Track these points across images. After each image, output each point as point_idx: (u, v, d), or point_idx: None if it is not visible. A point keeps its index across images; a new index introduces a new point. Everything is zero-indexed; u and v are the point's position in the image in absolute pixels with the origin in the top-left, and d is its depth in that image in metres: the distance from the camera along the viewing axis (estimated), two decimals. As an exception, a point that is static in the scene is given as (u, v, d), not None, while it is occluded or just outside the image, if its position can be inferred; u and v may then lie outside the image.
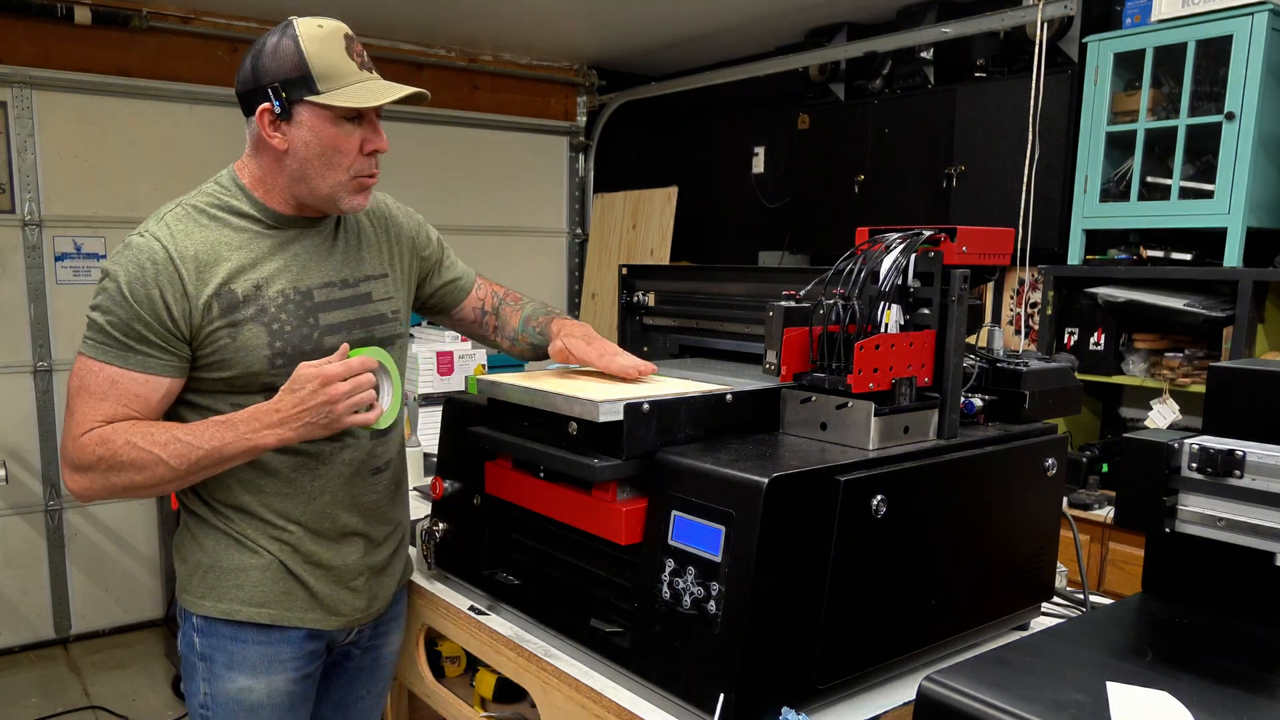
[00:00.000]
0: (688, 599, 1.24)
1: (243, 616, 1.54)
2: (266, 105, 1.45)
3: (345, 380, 1.42)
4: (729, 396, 1.45)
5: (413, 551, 1.89)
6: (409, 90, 1.50)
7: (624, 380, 1.57)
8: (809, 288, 1.50)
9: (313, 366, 1.42)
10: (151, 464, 1.41)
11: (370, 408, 1.47)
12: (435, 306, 1.85)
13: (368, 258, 1.64)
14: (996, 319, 3.81)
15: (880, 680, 1.38)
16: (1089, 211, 3.34)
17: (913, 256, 1.41)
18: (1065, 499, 1.66)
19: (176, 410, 1.52)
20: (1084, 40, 3.37)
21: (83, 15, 4.03)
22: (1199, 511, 1.27)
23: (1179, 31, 3.08)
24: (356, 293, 1.60)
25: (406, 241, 1.74)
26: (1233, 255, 2.98)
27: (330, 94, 1.44)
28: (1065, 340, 3.45)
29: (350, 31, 1.50)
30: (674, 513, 1.28)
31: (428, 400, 2.84)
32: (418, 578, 1.84)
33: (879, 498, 1.26)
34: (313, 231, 1.58)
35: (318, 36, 1.44)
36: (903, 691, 1.37)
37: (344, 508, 1.59)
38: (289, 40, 1.44)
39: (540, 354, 1.85)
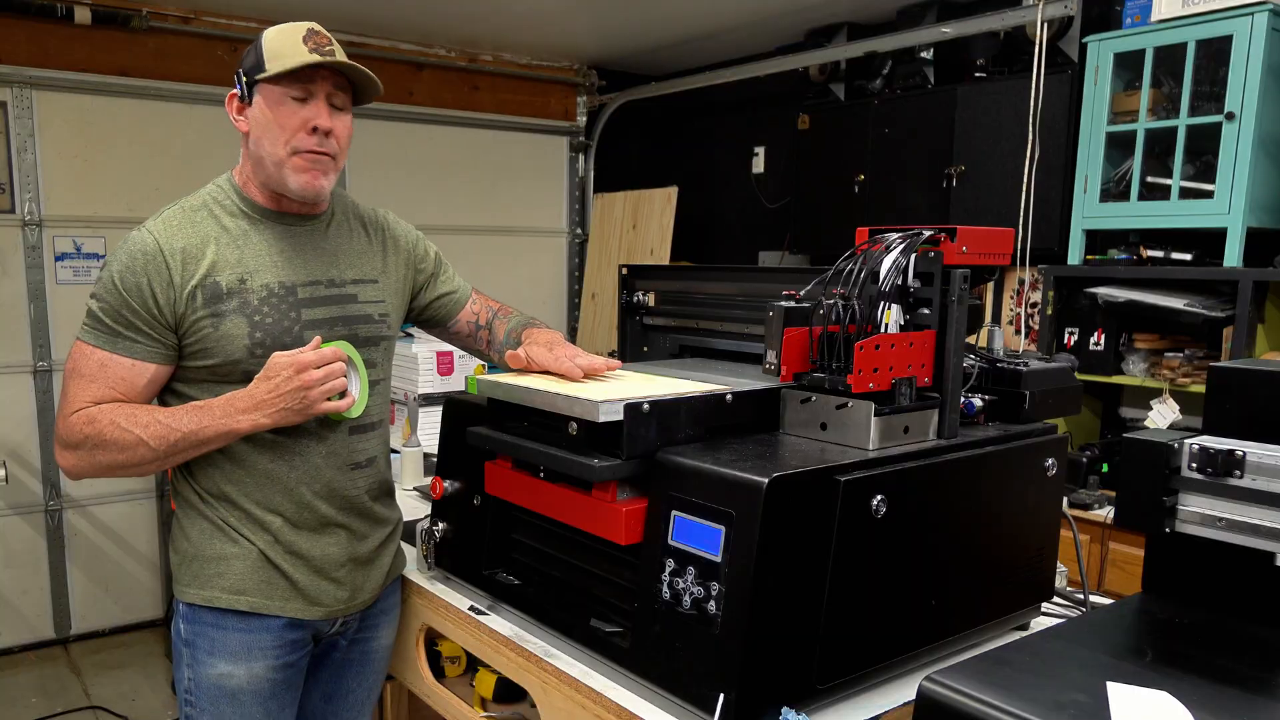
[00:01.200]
0: (688, 599, 1.24)
1: (223, 604, 1.59)
2: (234, 92, 1.59)
3: (318, 368, 1.50)
4: (729, 396, 1.45)
5: (410, 550, 1.89)
6: (335, 60, 1.52)
7: (601, 380, 1.58)
8: (809, 288, 1.50)
9: (286, 355, 1.50)
10: (133, 444, 1.49)
11: (343, 395, 1.55)
12: (430, 318, 1.90)
13: (358, 262, 1.70)
14: (996, 319, 3.81)
15: (880, 680, 1.38)
16: (1089, 211, 3.34)
17: (913, 256, 1.41)
18: (1065, 499, 1.66)
19: (163, 398, 1.60)
20: (1084, 40, 3.37)
21: (83, 15, 4.03)
22: (1199, 511, 1.27)
23: (1179, 31, 3.08)
24: (342, 293, 1.65)
25: (403, 253, 1.80)
26: (1233, 255, 2.98)
27: (272, 69, 1.52)
28: (1065, 340, 3.45)
29: (319, 28, 1.56)
30: (674, 513, 1.28)
31: (428, 400, 2.84)
32: (418, 577, 1.85)
33: (879, 498, 1.26)
34: (303, 231, 1.64)
35: (280, 28, 1.55)
36: (903, 691, 1.37)
37: (323, 500, 1.63)
38: (258, 37, 1.56)
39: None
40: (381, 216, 1.80)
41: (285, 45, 1.52)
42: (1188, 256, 3.14)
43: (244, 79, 1.56)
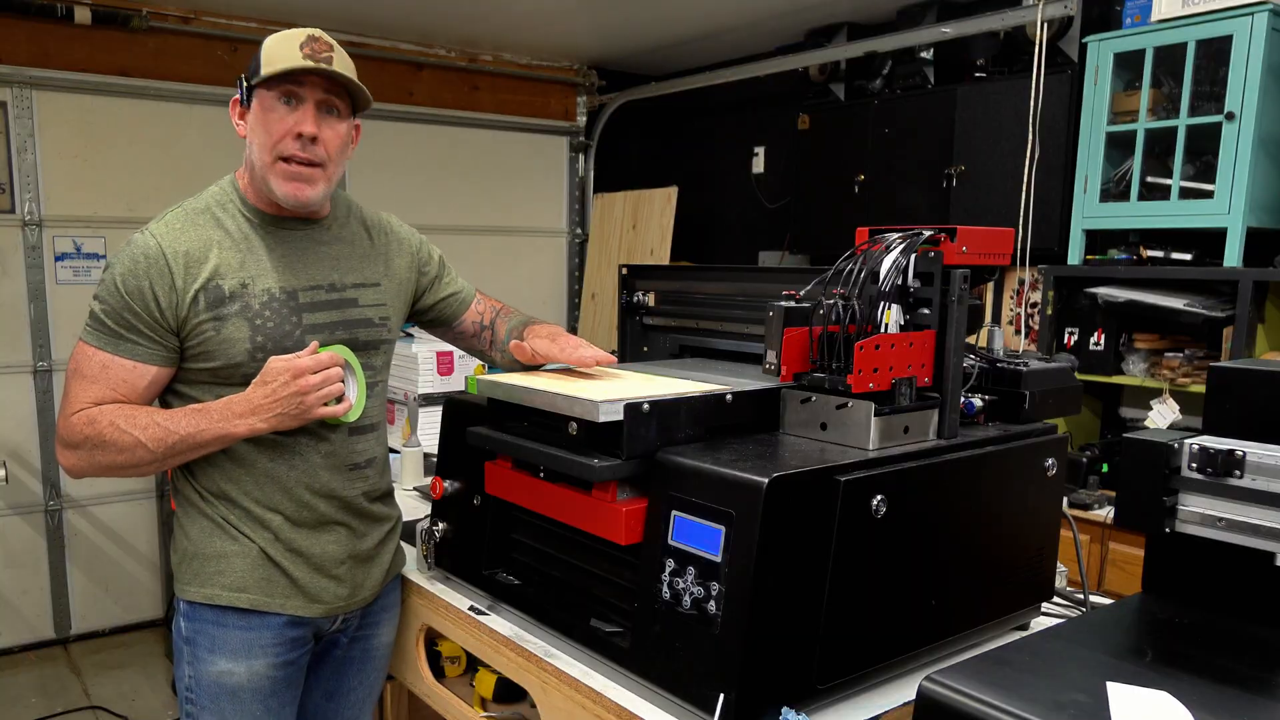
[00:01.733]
0: (688, 599, 1.24)
1: (224, 601, 1.60)
2: (236, 97, 1.58)
3: (315, 373, 1.50)
4: (729, 396, 1.45)
5: (410, 550, 1.89)
6: (317, 67, 1.51)
7: (592, 372, 1.62)
8: (809, 288, 1.50)
9: (283, 360, 1.51)
10: (132, 446, 1.50)
11: (339, 400, 1.55)
12: (435, 320, 1.90)
13: (360, 266, 1.70)
14: (996, 319, 3.81)
15: (880, 680, 1.38)
16: (1089, 211, 3.34)
17: (913, 256, 1.41)
18: (1065, 499, 1.66)
19: (165, 399, 1.61)
20: (1084, 40, 3.37)
21: (83, 15, 4.03)
22: (1199, 511, 1.27)
23: (1179, 31, 3.08)
24: (343, 297, 1.65)
25: (407, 256, 1.80)
26: (1233, 255, 2.98)
27: (264, 74, 1.52)
28: (1065, 340, 3.45)
29: (320, 35, 1.55)
30: (674, 513, 1.28)
31: (428, 400, 2.84)
32: (418, 577, 1.85)
33: (879, 498, 1.26)
34: (304, 236, 1.64)
35: (283, 34, 1.54)
36: (903, 691, 1.37)
37: (323, 499, 1.63)
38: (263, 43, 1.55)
39: (521, 363, 1.88)
40: (385, 220, 1.81)
41: (281, 51, 1.51)
42: (1188, 256, 3.14)
43: (244, 84, 1.57)
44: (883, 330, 1.39)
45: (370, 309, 1.69)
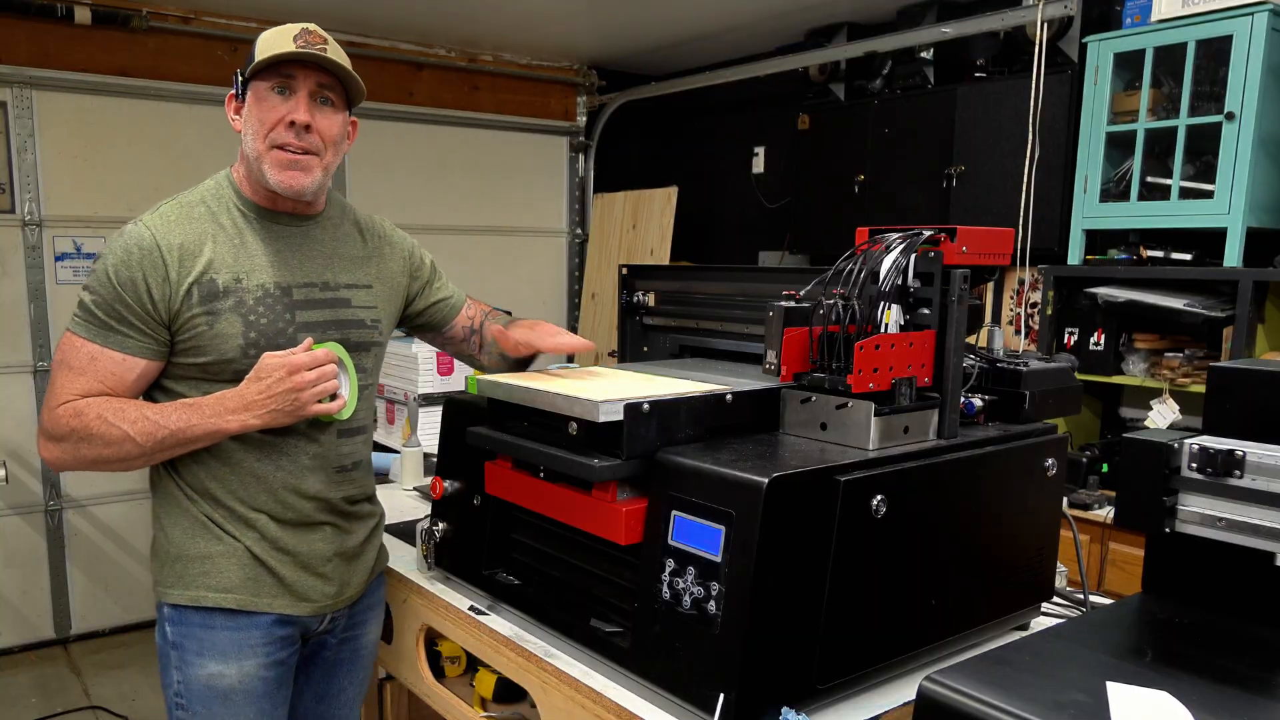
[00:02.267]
0: (688, 599, 1.24)
1: (210, 602, 1.58)
2: (232, 93, 1.59)
3: (311, 370, 1.50)
4: (729, 396, 1.45)
5: (410, 550, 1.89)
6: (307, 53, 1.51)
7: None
8: (809, 288, 1.50)
9: (278, 356, 1.50)
10: (119, 439, 1.48)
11: (333, 398, 1.55)
12: (425, 324, 1.90)
13: (352, 267, 1.70)
14: (996, 319, 3.81)
15: (880, 680, 1.38)
16: (1089, 211, 3.34)
17: (913, 256, 1.41)
18: (1065, 499, 1.66)
19: (151, 394, 1.59)
20: (1084, 40, 3.37)
21: (83, 15, 4.03)
22: (1199, 511, 1.27)
23: (1179, 31, 3.08)
24: (336, 296, 1.65)
25: (399, 260, 1.80)
26: (1233, 255, 2.98)
27: (256, 65, 1.53)
28: (1065, 340, 3.45)
29: (314, 28, 1.55)
30: (674, 513, 1.28)
31: (428, 400, 2.84)
32: (418, 577, 1.85)
33: (879, 498, 1.26)
34: (298, 232, 1.64)
35: (277, 28, 1.54)
36: (903, 691, 1.37)
37: (308, 501, 1.63)
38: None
39: (507, 362, 1.89)
40: (379, 223, 1.80)
41: (274, 42, 1.52)
42: (1188, 256, 3.14)
43: (239, 78, 1.57)
44: (883, 330, 1.39)
45: (362, 310, 1.68)
